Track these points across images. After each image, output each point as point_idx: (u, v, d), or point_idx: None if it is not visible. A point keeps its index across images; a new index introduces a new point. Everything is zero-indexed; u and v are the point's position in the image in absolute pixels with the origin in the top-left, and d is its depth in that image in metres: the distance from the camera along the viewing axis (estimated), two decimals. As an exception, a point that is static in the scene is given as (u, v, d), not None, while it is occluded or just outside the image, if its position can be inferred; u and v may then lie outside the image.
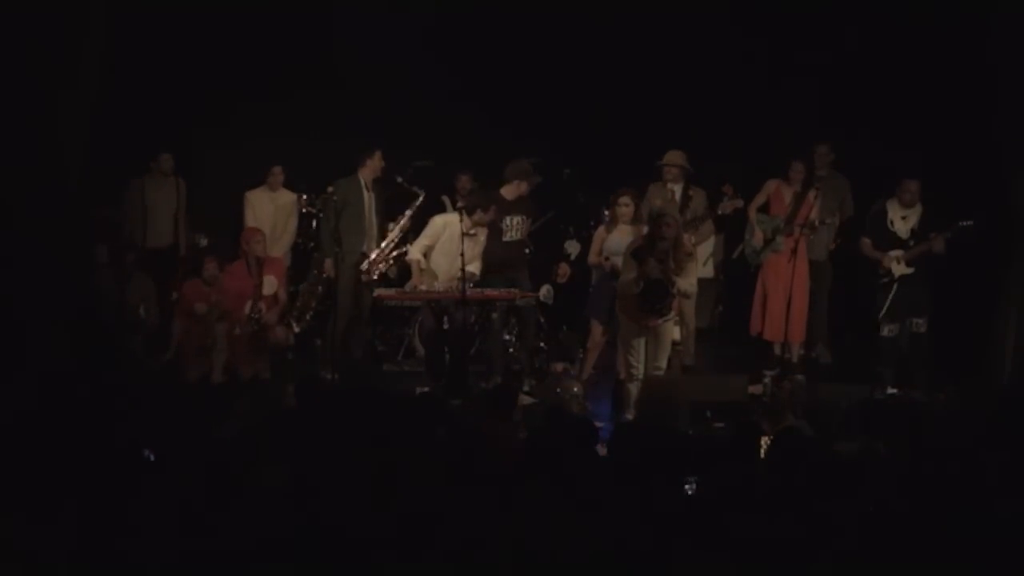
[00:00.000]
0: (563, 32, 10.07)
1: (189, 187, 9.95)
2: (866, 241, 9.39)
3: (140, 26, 8.81)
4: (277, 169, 9.87)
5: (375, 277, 9.37)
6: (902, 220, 9.25)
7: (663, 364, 8.32)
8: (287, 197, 9.96)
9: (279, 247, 9.87)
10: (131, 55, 8.81)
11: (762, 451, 5.59)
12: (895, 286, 9.19)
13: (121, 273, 9.13)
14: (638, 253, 8.10)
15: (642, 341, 8.24)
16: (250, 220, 9.77)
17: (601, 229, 9.14)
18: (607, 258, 8.91)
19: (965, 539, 4.50)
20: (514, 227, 9.28)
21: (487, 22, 10.02)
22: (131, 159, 9.72)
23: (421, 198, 9.49)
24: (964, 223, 8.97)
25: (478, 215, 8.98)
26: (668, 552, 4.44)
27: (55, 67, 7.73)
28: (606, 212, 9.32)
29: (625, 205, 8.93)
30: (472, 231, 8.90)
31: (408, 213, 9.52)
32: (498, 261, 9.27)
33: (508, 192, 9.27)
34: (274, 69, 9.83)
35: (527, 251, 9.71)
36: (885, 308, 9.22)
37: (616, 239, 8.89)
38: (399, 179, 9.59)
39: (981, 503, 4.81)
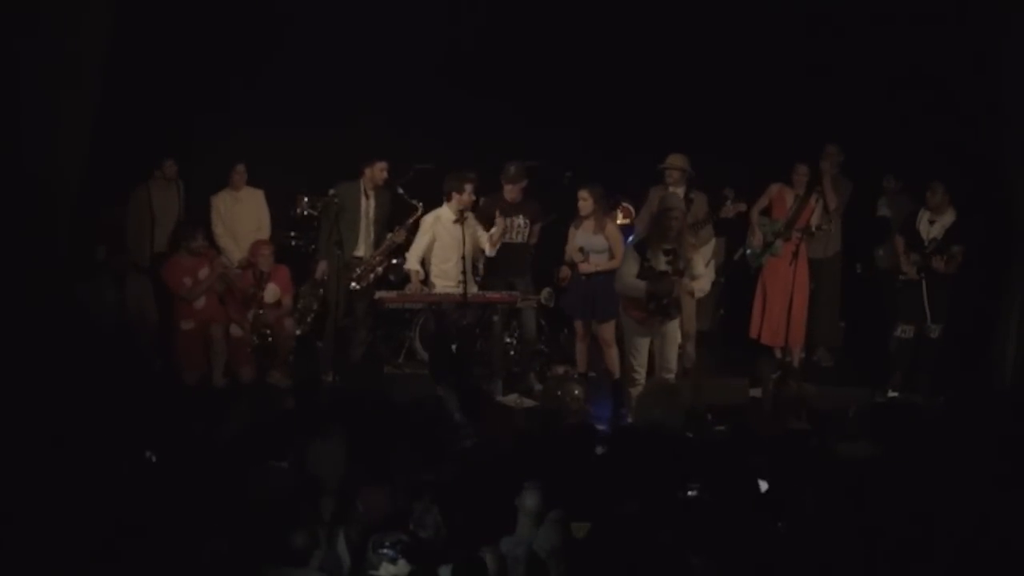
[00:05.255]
0: (564, 34, 10.07)
1: (188, 191, 9.90)
2: (899, 239, 9.37)
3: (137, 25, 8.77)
4: (240, 167, 9.74)
5: (363, 285, 9.31)
6: (929, 224, 9.20)
7: (673, 366, 8.31)
8: (250, 194, 9.83)
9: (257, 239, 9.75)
10: (129, 56, 8.77)
11: None
12: (917, 286, 9.16)
13: (117, 273, 9.10)
14: (640, 246, 8.12)
15: (646, 342, 8.24)
16: (216, 224, 9.68)
17: (571, 227, 9.19)
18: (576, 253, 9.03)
19: (963, 540, 4.50)
20: (514, 229, 9.24)
21: (488, 23, 10.01)
22: (135, 164, 9.65)
23: (420, 212, 9.30)
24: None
25: (456, 198, 8.92)
26: (664, 552, 4.44)
27: (56, 66, 7.72)
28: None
29: (583, 200, 9.02)
30: (464, 216, 8.83)
31: (404, 225, 9.36)
32: (497, 263, 9.26)
33: (508, 194, 9.25)
34: (275, 68, 9.82)
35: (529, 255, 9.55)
36: (901, 308, 9.21)
37: (580, 235, 9.05)
38: (400, 190, 9.53)
39: (979, 505, 4.81)
